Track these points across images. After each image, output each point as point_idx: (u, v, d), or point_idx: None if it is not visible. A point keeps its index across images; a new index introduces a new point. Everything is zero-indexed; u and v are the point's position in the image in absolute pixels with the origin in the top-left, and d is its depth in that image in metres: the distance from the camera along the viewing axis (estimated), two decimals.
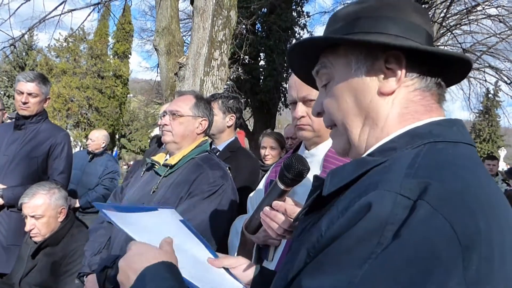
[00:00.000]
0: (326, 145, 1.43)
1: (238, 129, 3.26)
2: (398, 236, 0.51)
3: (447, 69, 0.74)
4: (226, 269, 1.03)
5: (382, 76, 0.72)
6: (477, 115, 26.54)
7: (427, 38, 0.74)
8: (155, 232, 0.94)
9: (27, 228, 2.35)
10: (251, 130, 13.77)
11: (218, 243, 1.68)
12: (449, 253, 0.49)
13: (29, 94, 2.78)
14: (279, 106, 14.87)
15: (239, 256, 1.05)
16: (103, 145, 4.62)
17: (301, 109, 1.39)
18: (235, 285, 1.00)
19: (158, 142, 3.28)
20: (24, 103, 2.76)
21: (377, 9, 0.74)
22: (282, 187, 1.08)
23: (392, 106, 0.72)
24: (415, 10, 0.74)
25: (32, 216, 2.34)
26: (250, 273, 1.00)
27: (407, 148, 0.65)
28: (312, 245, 0.60)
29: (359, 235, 0.54)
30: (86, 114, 28.62)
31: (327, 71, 0.78)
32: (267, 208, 1.08)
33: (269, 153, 3.64)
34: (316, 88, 0.86)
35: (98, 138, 4.58)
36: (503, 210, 0.57)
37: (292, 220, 1.04)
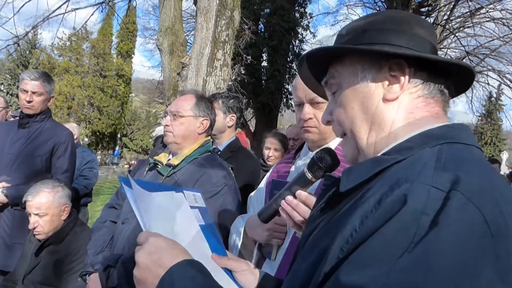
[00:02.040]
0: (330, 146, 1.43)
1: (239, 129, 3.26)
2: (435, 224, 0.53)
3: (450, 77, 0.77)
4: (228, 271, 0.99)
5: (387, 83, 0.75)
6: (480, 118, 26.48)
7: (431, 49, 0.78)
8: (164, 218, 0.94)
9: (30, 226, 2.37)
10: (253, 131, 13.78)
11: None
12: (483, 241, 0.52)
13: (34, 92, 2.78)
14: (281, 107, 14.87)
15: (244, 260, 1.02)
16: (75, 136, 4.64)
17: (308, 110, 1.38)
18: None
19: (164, 143, 3.29)
20: (29, 102, 2.77)
21: (382, 22, 0.79)
22: (309, 176, 1.07)
23: (397, 112, 0.75)
24: (419, 24, 0.79)
25: (36, 214, 2.36)
26: (252, 281, 0.97)
27: (424, 147, 0.67)
28: (345, 241, 0.60)
29: (396, 227, 0.55)
30: (88, 113, 28.68)
31: (335, 81, 0.82)
32: (289, 197, 1.08)
33: (273, 154, 3.68)
34: (324, 95, 0.90)
35: None
36: None
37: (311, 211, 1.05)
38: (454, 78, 0.78)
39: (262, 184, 1.66)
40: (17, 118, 2.94)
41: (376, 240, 0.56)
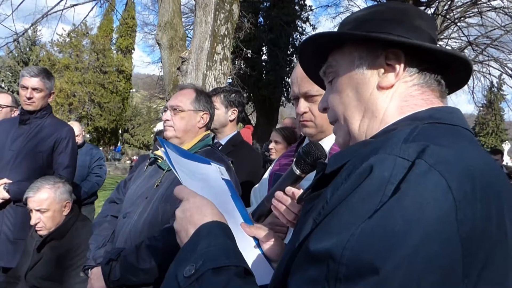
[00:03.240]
0: (330, 140, 1.43)
1: (240, 124, 3.25)
2: (396, 191, 0.55)
3: (447, 68, 0.77)
4: (256, 241, 1.00)
5: (382, 71, 0.76)
6: (481, 108, 26.39)
7: (430, 41, 0.78)
8: (201, 184, 0.99)
9: (32, 222, 2.38)
10: (253, 125, 13.78)
11: None
12: (444, 207, 0.52)
13: (34, 89, 2.79)
14: (282, 100, 14.84)
15: (272, 232, 1.03)
16: (78, 134, 4.66)
17: (303, 105, 1.39)
18: (260, 259, 0.98)
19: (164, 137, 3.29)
20: (29, 98, 2.78)
21: (383, 12, 0.80)
22: (297, 172, 1.06)
23: (391, 100, 0.75)
24: (419, 16, 0.80)
25: (38, 210, 2.37)
26: (278, 253, 0.98)
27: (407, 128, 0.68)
28: (317, 213, 0.62)
29: (362, 195, 0.57)
30: (89, 109, 28.70)
31: (332, 69, 0.83)
32: (279, 193, 1.05)
33: (273, 147, 3.69)
34: (323, 85, 0.90)
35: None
36: (504, 186, 0.59)
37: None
38: (451, 69, 0.77)
39: (265, 177, 1.66)
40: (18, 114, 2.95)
41: (344, 208, 0.58)
